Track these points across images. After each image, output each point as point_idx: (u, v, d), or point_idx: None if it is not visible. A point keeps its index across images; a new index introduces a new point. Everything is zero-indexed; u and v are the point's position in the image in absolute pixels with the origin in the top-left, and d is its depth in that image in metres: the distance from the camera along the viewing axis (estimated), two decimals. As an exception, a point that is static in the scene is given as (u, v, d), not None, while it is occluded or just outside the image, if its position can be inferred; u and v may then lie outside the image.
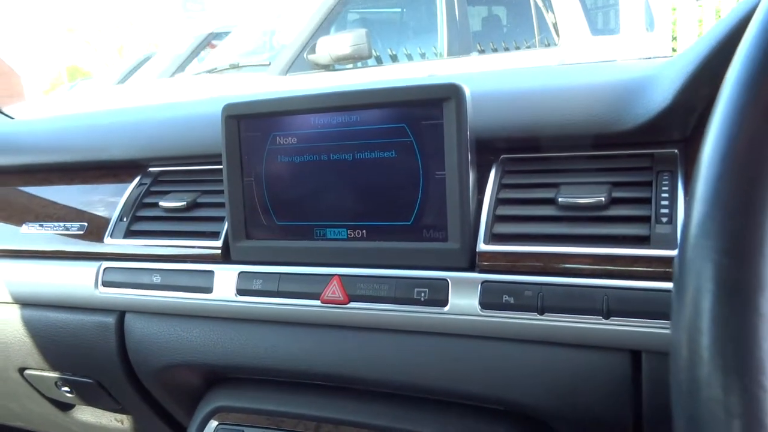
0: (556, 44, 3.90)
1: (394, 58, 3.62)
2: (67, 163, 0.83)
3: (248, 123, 0.66)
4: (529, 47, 3.87)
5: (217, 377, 0.74)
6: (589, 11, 4.15)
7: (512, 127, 0.61)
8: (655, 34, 4.16)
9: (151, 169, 0.79)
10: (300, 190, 0.64)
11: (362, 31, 3.17)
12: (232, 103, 0.65)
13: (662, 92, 0.54)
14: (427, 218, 0.59)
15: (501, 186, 0.60)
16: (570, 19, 3.88)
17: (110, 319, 0.73)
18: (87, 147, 0.82)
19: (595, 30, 4.15)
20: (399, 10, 4.17)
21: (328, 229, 0.64)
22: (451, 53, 3.70)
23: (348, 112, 0.61)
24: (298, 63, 3.27)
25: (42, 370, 0.81)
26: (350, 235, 0.62)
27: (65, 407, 0.90)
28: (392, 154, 0.60)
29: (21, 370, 0.83)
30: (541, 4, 3.90)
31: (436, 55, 3.71)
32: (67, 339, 0.76)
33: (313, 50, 3.27)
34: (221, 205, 0.69)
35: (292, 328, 0.65)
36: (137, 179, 0.78)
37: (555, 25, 3.89)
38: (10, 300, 0.78)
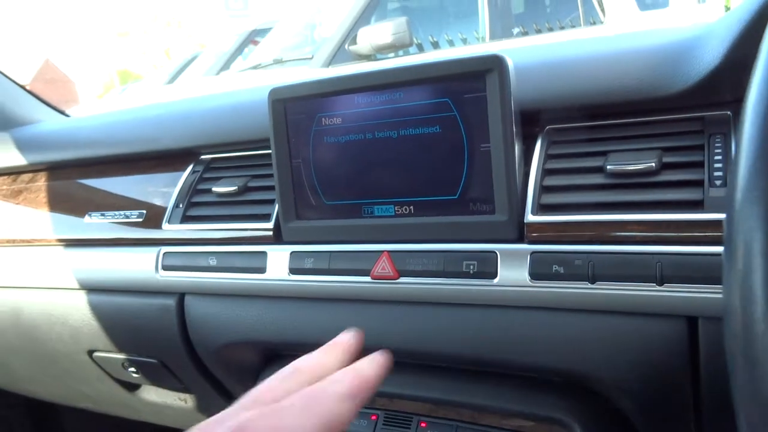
0: (601, 22, 3.80)
1: (435, 45, 3.60)
2: (123, 155, 0.86)
3: (294, 106, 0.67)
4: (573, 26, 3.79)
5: (274, 354, 0.76)
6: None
7: (557, 97, 0.60)
8: (708, 6, 4.01)
9: (202, 156, 0.81)
10: (347, 169, 0.65)
11: (402, 20, 3.15)
12: (278, 87, 0.67)
13: (711, 51, 0.53)
14: (473, 191, 0.59)
15: (547, 156, 0.60)
16: (615, -5, 3.77)
17: (171, 301, 0.76)
18: (140, 139, 0.85)
19: (644, 5, 4.02)
20: (442, -5, 4.14)
21: (375, 207, 0.65)
22: (493, 37, 3.66)
23: (391, 90, 0.62)
24: (340, 55, 3.29)
25: (110, 352, 0.85)
26: (397, 211, 0.63)
27: (132, 388, 0.95)
28: (437, 129, 0.60)
29: (90, 353, 0.88)
30: (584, -19, 3.81)
31: (478, 39, 3.67)
32: (132, 321, 0.79)
33: (354, 41, 3.28)
34: (271, 188, 0.71)
35: (344, 304, 0.66)
36: (190, 167, 0.80)
37: (600, 2, 3.80)
38: (78, 286, 0.82)
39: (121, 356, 0.85)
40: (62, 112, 1.15)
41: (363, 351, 0.67)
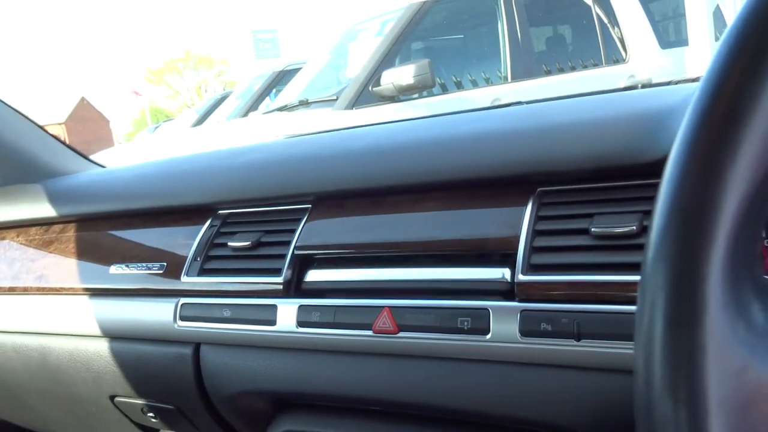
0: (624, 60, 3.84)
1: (458, 85, 3.67)
2: (147, 209, 0.92)
3: None
4: (596, 65, 3.83)
5: (285, 403, 0.79)
6: (658, 23, 4.06)
7: (546, 161, 0.64)
8: (728, 44, 4.01)
9: (220, 211, 0.86)
10: None
11: (425, 62, 3.23)
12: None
13: None
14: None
15: (537, 218, 0.63)
16: (636, 33, 3.81)
17: (187, 351, 0.80)
18: (163, 194, 0.91)
19: (667, 42, 4.05)
20: (462, 36, 4.22)
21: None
22: (515, 76, 3.71)
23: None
24: (364, 96, 3.37)
25: (130, 397, 0.90)
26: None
27: (151, 432, 0.99)
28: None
29: (111, 398, 0.92)
30: (606, 20, 3.86)
31: (500, 79, 3.73)
32: (150, 369, 0.84)
33: (378, 83, 3.35)
34: (283, 243, 0.76)
35: (348, 357, 0.70)
36: (209, 221, 0.85)
37: (622, 40, 3.84)
38: (101, 334, 0.87)
39: (140, 402, 0.89)
40: (96, 163, 1.22)
41: (364, 402, 0.71)
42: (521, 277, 0.60)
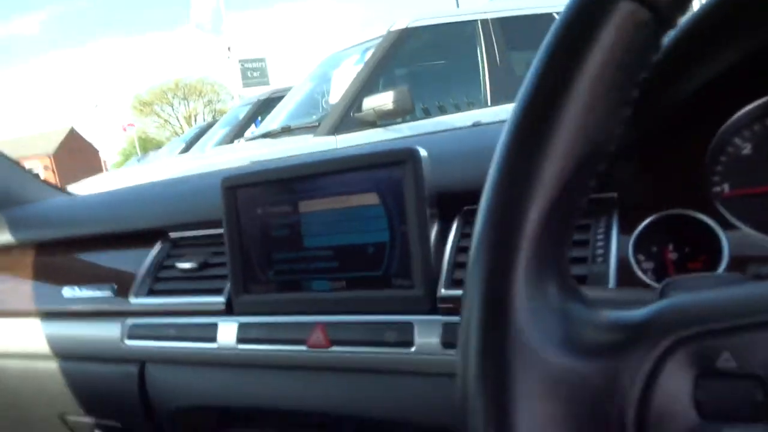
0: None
1: (442, 110, 3.72)
2: (101, 234, 0.94)
3: (243, 192, 0.75)
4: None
5: (229, 419, 0.81)
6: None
7: (469, 182, 0.67)
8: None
9: (170, 234, 0.89)
10: (288, 248, 0.72)
11: (403, 88, 3.29)
12: (229, 176, 0.75)
13: None
14: (394, 268, 0.66)
15: (462, 235, 0.66)
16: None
17: (134, 369, 0.82)
18: (117, 219, 0.93)
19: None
20: (442, 61, 4.27)
21: (313, 282, 0.71)
22: (495, 100, 3.76)
23: (325, 178, 0.69)
24: (346, 122, 3.41)
25: (79, 416, 0.91)
26: (331, 286, 0.70)
27: (103, 450, 1.00)
28: (365, 212, 0.67)
29: (62, 417, 0.93)
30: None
31: (482, 103, 3.79)
32: (99, 387, 0.85)
33: (359, 109, 3.40)
34: (226, 264, 0.78)
35: (285, 371, 0.72)
36: (158, 245, 0.88)
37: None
38: (52, 354, 0.89)
39: (89, 420, 0.90)
40: (66, 192, 1.24)
41: (302, 416, 0.73)
42: (443, 292, 0.63)
